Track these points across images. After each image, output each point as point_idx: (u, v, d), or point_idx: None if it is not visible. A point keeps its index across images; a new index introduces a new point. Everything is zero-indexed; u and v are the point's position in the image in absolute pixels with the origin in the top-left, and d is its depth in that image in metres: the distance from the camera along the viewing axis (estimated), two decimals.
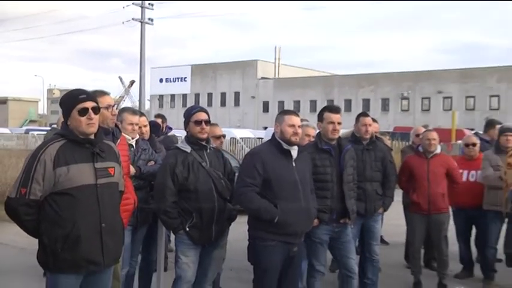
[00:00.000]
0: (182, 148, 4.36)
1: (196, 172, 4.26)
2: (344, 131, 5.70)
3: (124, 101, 67.21)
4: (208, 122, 4.41)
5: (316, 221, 4.51)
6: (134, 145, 4.83)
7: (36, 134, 28.39)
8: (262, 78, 57.11)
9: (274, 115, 4.37)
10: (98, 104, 3.32)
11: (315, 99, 52.12)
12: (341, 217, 4.75)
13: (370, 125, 5.50)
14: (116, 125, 4.39)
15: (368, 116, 5.57)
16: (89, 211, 3.15)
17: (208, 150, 4.40)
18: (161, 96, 62.04)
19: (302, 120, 4.58)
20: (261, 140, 19.98)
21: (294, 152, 4.19)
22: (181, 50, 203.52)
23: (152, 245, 5.10)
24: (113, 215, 3.29)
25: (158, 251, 4.95)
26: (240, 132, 25.21)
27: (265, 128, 31.60)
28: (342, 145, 4.84)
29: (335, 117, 4.75)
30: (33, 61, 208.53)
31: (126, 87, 71.38)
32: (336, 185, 4.70)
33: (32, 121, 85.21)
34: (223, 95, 59.30)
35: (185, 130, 4.48)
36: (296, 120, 4.20)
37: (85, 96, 3.25)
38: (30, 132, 31.09)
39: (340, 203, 4.72)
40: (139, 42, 34.32)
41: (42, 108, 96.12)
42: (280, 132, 4.20)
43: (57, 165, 3.09)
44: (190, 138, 4.39)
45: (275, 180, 4.05)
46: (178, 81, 59.73)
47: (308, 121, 5.89)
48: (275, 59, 58.56)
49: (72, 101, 3.24)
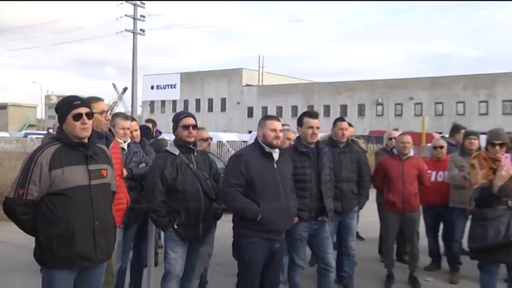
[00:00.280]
0: (171, 151, 4.34)
1: (184, 173, 4.25)
2: (322, 134, 5.71)
3: (117, 106, 66.60)
4: (195, 126, 4.40)
5: (296, 219, 4.52)
6: (126, 148, 4.80)
7: (35, 137, 27.97)
8: (247, 85, 57.10)
9: (258, 120, 4.37)
10: (92, 109, 3.31)
11: (296, 105, 52.25)
12: (319, 215, 4.76)
13: (346, 129, 5.53)
14: (110, 130, 4.38)
15: (344, 120, 5.58)
16: (82, 210, 3.13)
17: (195, 153, 4.39)
18: (152, 102, 61.57)
19: (283, 125, 4.58)
20: (245, 143, 19.94)
21: (275, 154, 4.20)
22: (172, 58, 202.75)
23: (143, 241, 5.07)
24: (105, 214, 3.28)
25: (148, 247, 4.94)
26: (226, 136, 25.11)
27: (250, 132, 31.52)
28: (320, 148, 4.85)
29: (314, 122, 4.76)
30: (32, 69, 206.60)
31: (119, 93, 70.78)
32: (314, 185, 4.70)
33: (30, 125, 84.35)
34: (211, 101, 59.17)
35: (174, 134, 4.47)
36: (277, 125, 4.20)
37: (79, 102, 3.23)
38: (29, 136, 30.65)
39: (319, 202, 4.73)
40: (131, 52, 34.15)
41: (40, 113, 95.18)
42: (262, 136, 4.20)
43: (52, 167, 3.07)
44: (179, 142, 4.38)
45: (258, 181, 4.05)
46: (168, 88, 58.80)
47: (289, 126, 5.89)
48: (259, 67, 58.69)
49: (67, 107, 3.22)
